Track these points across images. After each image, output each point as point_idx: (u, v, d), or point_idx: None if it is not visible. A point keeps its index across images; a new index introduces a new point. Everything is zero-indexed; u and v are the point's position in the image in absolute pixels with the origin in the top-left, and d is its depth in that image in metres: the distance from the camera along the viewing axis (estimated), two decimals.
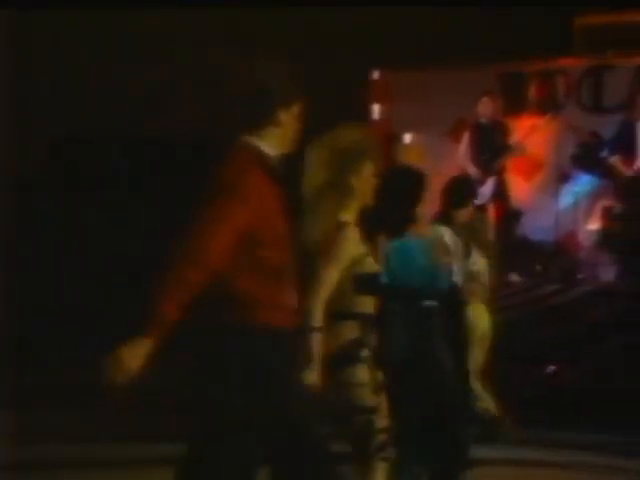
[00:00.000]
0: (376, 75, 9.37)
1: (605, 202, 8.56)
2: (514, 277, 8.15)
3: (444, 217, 5.37)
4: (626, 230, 7.95)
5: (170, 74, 9.74)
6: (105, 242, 10.30)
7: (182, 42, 9.69)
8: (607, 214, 8.41)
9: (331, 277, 3.50)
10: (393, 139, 9.53)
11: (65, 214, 10.37)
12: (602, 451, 5.99)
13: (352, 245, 3.57)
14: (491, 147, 8.43)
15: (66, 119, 10.08)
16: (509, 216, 8.41)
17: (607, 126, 8.68)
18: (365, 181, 3.62)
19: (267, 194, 2.82)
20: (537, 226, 8.75)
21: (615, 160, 8.39)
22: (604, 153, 8.50)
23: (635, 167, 8.36)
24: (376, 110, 9.38)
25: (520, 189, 8.88)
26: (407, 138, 9.48)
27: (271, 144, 2.88)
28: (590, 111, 9.19)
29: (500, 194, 8.39)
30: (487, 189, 8.37)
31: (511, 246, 7.94)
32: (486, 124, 8.48)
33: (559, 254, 8.49)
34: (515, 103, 9.24)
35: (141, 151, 10.82)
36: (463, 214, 5.50)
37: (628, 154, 8.35)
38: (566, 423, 6.55)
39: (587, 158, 8.75)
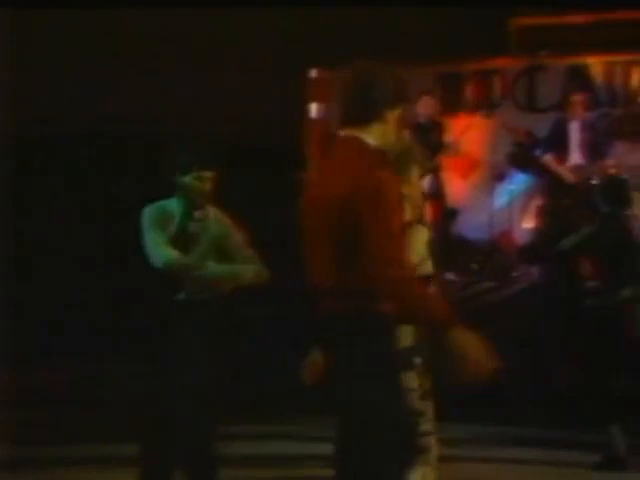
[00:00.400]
0: (314, 73, 9.37)
1: (539, 200, 8.69)
2: (450, 275, 8.23)
3: None
4: (558, 228, 8.07)
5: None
6: None
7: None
8: (541, 212, 8.55)
9: None
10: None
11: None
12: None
13: (420, 245, 3.80)
14: (428, 146, 8.49)
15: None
16: (445, 214, 8.49)
17: (541, 125, 8.82)
18: (414, 186, 3.88)
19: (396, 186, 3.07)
20: (473, 224, 8.85)
21: (548, 159, 8.52)
22: (538, 152, 8.64)
23: (568, 165, 8.50)
24: (314, 109, 9.39)
25: (456, 188, 8.98)
26: None
27: (375, 138, 3.11)
28: (525, 110, 9.34)
29: (436, 193, 8.45)
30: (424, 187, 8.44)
31: (447, 244, 8.01)
32: (424, 123, 8.53)
33: (495, 252, 8.59)
34: (452, 102, 9.34)
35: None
36: None
37: (561, 153, 8.49)
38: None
39: (522, 157, 8.88)
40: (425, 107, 8.50)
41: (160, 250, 4.45)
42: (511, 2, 9.18)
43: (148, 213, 4.55)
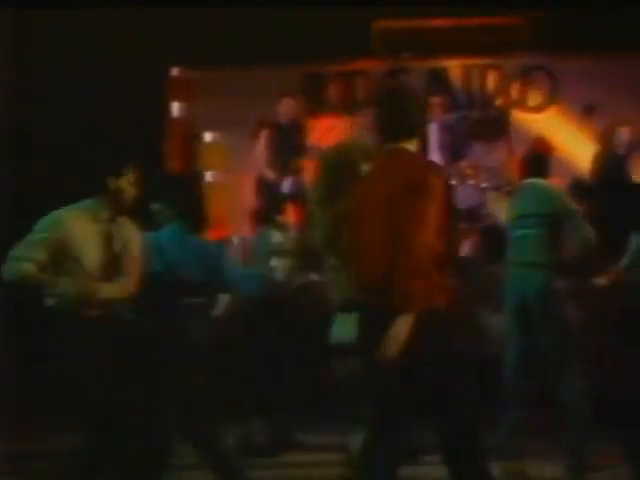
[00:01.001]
0: (176, 72, 9.24)
1: None
2: (314, 276, 8.24)
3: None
4: None
5: None
6: None
7: None
8: None
9: None
10: (194, 138, 9.49)
11: None
12: None
13: None
14: (289, 148, 8.49)
15: None
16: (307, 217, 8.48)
17: None
18: None
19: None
20: None
21: None
22: None
23: None
24: (176, 108, 9.27)
25: None
26: (209, 137, 9.45)
27: (414, 149, 3.80)
28: None
29: (298, 195, 8.45)
30: (284, 190, 8.43)
31: (310, 246, 8.02)
32: (285, 125, 8.52)
33: None
34: (316, 104, 9.38)
35: None
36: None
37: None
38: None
39: None
40: (286, 108, 8.49)
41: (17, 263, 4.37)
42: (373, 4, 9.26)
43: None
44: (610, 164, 7.78)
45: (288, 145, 8.46)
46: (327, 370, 4.16)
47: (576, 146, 8.24)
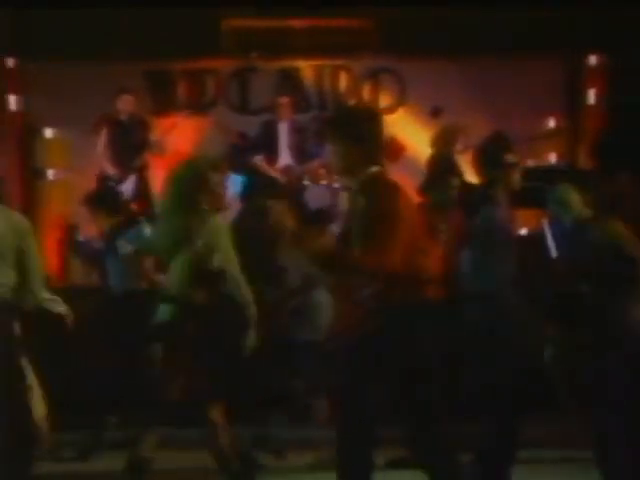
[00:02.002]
0: (11, 63, 8.79)
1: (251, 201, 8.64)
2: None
3: None
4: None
5: None
6: None
7: None
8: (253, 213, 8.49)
9: None
10: (32, 133, 9.05)
11: None
12: None
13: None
14: (130, 145, 8.22)
15: None
16: (154, 214, 8.19)
17: (255, 127, 8.80)
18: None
19: None
20: None
21: (259, 160, 8.49)
22: (250, 153, 8.59)
23: (277, 166, 8.52)
24: (12, 101, 8.81)
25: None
26: (49, 133, 9.03)
27: None
28: (238, 112, 9.30)
29: (141, 192, 8.20)
30: (128, 187, 8.17)
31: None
32: (125, 121, 8.27)
33: None
34: (163, 101, 9.13)
35: None
36: None
37: (271, 154, 8.50)
38: None
39: (235, 159, 8.78)
40: (124, 105, 8.24)
41: None
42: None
43: None
44: (444, 166, 7.90)
45: (129, 142, 8.20)
46: None
47: (425, 147, 8.30)
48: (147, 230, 6.21)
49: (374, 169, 3.77)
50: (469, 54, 8.77)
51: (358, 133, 3.76)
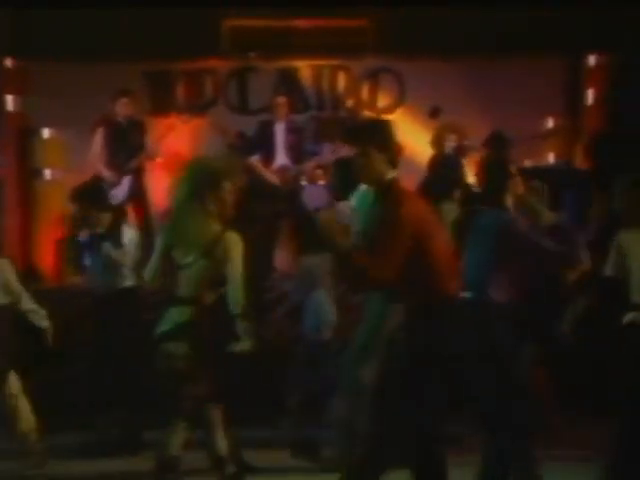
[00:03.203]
0: (9, 63, 8.77)
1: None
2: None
3: None
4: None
5: None
6: None
7: None
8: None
9: None
10: (29, 133, 9.03)
11: None
12: None
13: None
14: (127, 147, 8.17)
15: None
16: (149, 217, 8.18)
17: (254, 127, 8.77)
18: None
19: None
20: None
21: (254, 160, 8.45)
22: (247, 153, 8.56)
23: (273, 167, 8.49)
24: (10, 101, 8.79)
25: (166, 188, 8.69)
26: (47, 133, 9.02)
27: None
28: (237, 112, 9.29)
29: (137, 194, 8.15)
30: (123, 190, 8.11)
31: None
32: (121, 123, 8.20)
33: None
34: (162, 102, 9.11)
35: None
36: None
37: (267, 154, 8.47)
38: None
39: None
40: (122, 108, 8.16)
41: None
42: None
43: None
44: (443, 166, 7.89)
45: (125, 144, 8.14)
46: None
47: (424, 147, 8.29)
48: (131, 234, 6.23)
49: (393, 174, 3.98)
50: (468, 54, 8.77)
51: (384, 142, 3.96)
